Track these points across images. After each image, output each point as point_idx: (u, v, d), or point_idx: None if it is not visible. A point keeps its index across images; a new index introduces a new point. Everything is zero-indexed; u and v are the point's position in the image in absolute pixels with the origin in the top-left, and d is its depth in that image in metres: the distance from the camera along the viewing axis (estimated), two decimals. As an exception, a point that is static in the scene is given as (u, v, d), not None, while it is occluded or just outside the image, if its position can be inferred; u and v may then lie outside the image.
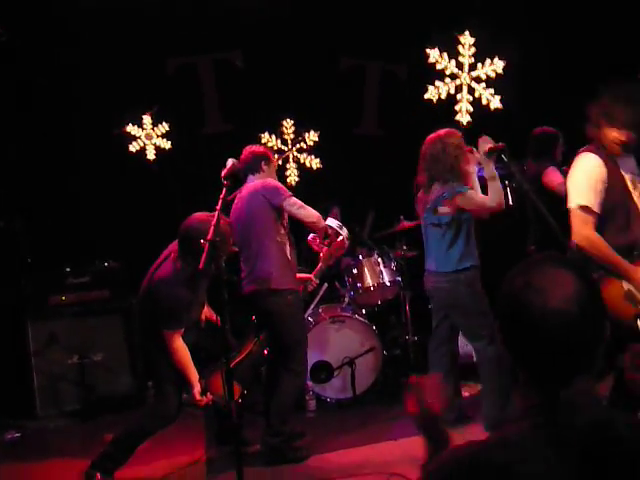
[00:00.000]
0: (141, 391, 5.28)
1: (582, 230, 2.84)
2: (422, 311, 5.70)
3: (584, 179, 2.94)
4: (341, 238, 4.21)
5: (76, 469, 3.76)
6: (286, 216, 4.10)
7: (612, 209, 2.92)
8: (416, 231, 5.34)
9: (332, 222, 4.27)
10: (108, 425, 4.59)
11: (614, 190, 2.92)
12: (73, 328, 5.24)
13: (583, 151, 3.02)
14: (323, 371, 4.89)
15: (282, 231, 4.06)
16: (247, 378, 4.04)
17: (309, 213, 4.01)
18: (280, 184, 4.12)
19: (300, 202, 4.01)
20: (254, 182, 4.12)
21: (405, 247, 5.36)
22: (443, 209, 3.85)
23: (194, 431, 4.58)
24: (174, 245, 3.68)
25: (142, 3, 5.72)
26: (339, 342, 4.95)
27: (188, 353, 3.64)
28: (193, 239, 3.29)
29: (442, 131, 4.00)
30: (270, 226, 4.01)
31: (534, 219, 4.32)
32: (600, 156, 2.97)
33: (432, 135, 4.01)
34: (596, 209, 2.90)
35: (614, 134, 2.91)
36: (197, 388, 3.61)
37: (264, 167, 4.18)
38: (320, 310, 5.14)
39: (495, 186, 3.64)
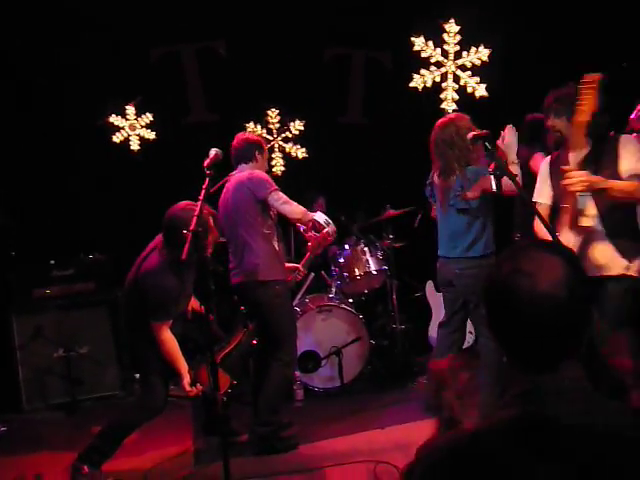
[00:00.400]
0: (128, 383, 5.27)
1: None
2: (409, 300, 5.74)
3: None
4: (326, 230, 4.18)
5: (63, 462, 3.75)
6: (273, 209, 4.07)
7: (560, 201, 3.13)
8: (402, 220, 5.38)
9: (320, 217, 4.25)
10: (95, 418, 4.57)
11: (558, 183, 3.09)
12: (58, 321, 5.21)
13: None
14: (310, 361, 4.90)
15: (269, 222, 4.03)
16: (236, 368, 4.03)
17: (293, 209, 3.97)
18: (267, 176, 4.06)
19: (285, 197, 3.97)
20: (242, 172, 4.08)
21: (392, 236, 5.37)
22: (472, 194, 3.75)
23: (182, 422, 4.58)
24: (161, 237, 3.66)
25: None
26: (326, 332, 4.95)
27: (176, 344, 3.62)
28: (176, 229, 3.26)
29: (452, 115, 3.95)
30: (256, 218, 3.98)
31: (519, 206, 4.35)
32: (552, 154, 3.31)
33: (443, 119, 3.92)
34: (542, 200, 3.25)
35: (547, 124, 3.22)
36: (187, 379, 3.59)
37: (257, 156, 4.13)
38: (307, 300, 5.13)
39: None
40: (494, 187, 2.81)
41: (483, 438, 1.21)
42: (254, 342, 4.15)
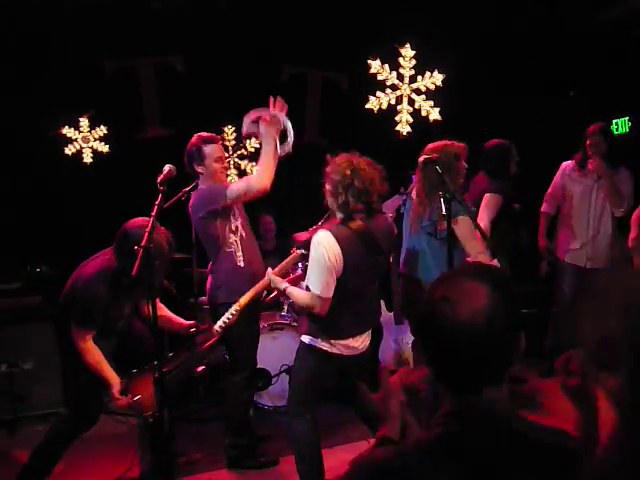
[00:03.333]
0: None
1: None
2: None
3: None
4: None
5: (3, 481, 3.65)
6: (234, 220, 3.90)
7: None
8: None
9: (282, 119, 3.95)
10: (37, 436, 4.44)
11: None
12: (2, 336, 5.05)
13: None
14: (261, 378, 4.87)
15: (231, 240, 3.87)
16: (170, 391, 3.85)
17: (253, 185, 3.69)
18: (213, 188, 3.84)
19: (239, 184, 3.74)
20: (196, 192, 3.95)
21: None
22: (441, 225, 3.60)
23: (127, 442, 4.49)
24: (107, 251, 3.60)
25: (80, 3, 5.60)
26: (277, 350, 4.94)
27: (100, 353, 3.49)
28: (128, 244, 3.21)
29: (444, 142, 3.81)
30: (216, 239, 3.83)
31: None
32: None
33: (434, 144, 3.82)
34: None
35: None
36: (116, 388, 3.47)
37: (198, 169, 3.87)
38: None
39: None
40: (444, 211, 2.88)
41: (410, 456, 1.24)
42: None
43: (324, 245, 3.11)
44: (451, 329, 1.24)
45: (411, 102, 6.19)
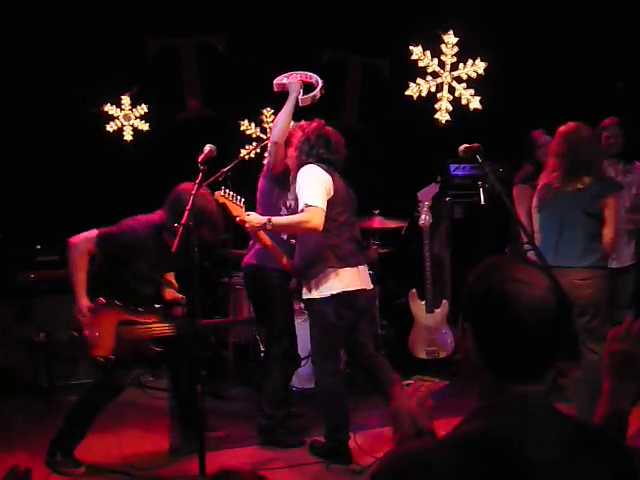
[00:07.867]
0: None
1: None
2: (392, 306, 5.78)
3: None
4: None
5: (41, 450, 3.73)
6: (290, 197, 4.06)
7: None
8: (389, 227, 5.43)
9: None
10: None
11: None
12: (41, 306, 5.19)
13: None
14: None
15: (283, 212, 4.07)
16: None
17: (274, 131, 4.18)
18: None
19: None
20: None
21: (378, 242, 5.42)
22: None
23: (159, 415, 4.59)
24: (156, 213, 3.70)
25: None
26: (306, 333, 4.96)
27: (85, 267, 3.64)
28: (180, 205, 3.22)
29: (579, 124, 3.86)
30: (269, 205, 4.07)
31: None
32: None
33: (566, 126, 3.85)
34: None
35: None
36: (83, 303, 3.58)
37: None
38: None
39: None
40: (482, 200, 2.87)
41: (449, 449, 1.23)
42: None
43: (314, 169, 3.55)
44: (527, 306, 1.24)
45: (451, 90, 6.12)
